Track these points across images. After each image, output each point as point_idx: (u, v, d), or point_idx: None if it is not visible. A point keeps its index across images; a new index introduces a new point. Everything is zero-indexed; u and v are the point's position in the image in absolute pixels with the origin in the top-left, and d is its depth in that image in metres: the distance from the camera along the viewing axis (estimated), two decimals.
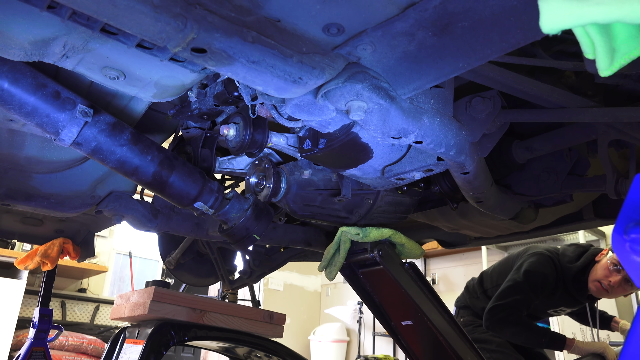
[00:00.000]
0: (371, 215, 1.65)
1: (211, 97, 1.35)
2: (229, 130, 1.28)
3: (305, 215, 1.58)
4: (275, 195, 1.47)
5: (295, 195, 1.49)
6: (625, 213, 0.71)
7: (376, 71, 0.95)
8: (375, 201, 1.62)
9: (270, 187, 1.46)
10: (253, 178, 1.52)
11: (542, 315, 3.05)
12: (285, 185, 1.47)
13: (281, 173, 1.48)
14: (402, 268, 1.67)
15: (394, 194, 1.65)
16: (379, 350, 5.69)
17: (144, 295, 1.94)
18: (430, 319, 1.67)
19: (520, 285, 2.72)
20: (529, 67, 1.35)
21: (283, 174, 1.48)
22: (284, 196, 1.48)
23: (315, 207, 1.56)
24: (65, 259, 2.50)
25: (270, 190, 1.46)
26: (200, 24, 0.76)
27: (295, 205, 1.51)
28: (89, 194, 1.71)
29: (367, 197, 1.60)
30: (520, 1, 0.72)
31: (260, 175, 1.50)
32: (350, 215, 1.64)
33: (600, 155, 1.31)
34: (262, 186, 1.49)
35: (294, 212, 1.54)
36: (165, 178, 1.20)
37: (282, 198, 1.48)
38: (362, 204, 1.62)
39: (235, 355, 2.50)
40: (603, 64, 0.58)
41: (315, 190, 1.53)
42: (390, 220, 1.73)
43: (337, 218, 1.64)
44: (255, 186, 1.52)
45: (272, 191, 1.46)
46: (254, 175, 1.52)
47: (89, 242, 2.47)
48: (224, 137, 1.29)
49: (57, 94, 1.06)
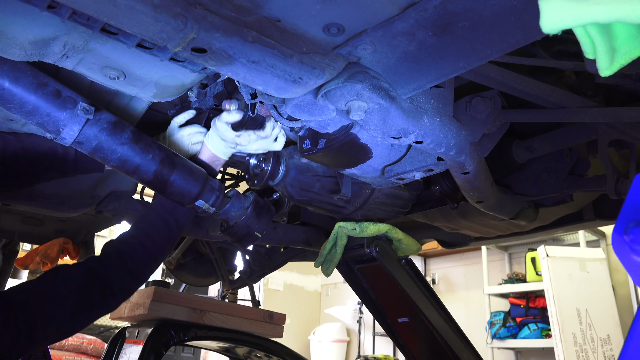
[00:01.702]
0: (368, 206, 1.64)
1: (211, 97, 1.35)
2: (231, 105, 1.28)
3: (302, 201, 1.56)
4: (272, 178, 1.46)
5: (293, 179, 1.48)
6: (625, 213, 0.71)
7: (376, 71, 0.95)
8: (373, 192, 1.61)
9: (269, 169, 1.45)
10: (253, 159, 1.51)
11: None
12: (283, 169, 1.46)
13: (280, 156, 1.47)
14: (398, 264, 1.67)
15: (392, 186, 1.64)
16: (379, 350, 5.68)
17: (144, 295, 1.94)
18: (426, 316, 1.67)
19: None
20: (529, 67, 1.35)
21: (282, 157, 1.47)
22: (282, 179, 1.47)
23: (313, 193, 1.55)
24: (65, 259, 2.50)
25: (267, 172, 1.45)
26: (201, 24, 0.76)
27: (293, 189, 1.50)
28: (89, 194, 1.71)
29: (365, 187, 1.60)
30: (521, 1, 0.72)
31: (260, 157, 1.50)
32: (348, 204, 1.63)
33: (600, 155, 1.31)
34: (260, 168, 1.49)
35: (291, 197, 1.53)
36: (166, 177, 1.20)
37: (280, 181, 1.47)
38: (360, 193, 1.61)
39: (235, 355, 2.50)
40: (603, 64, 0.58)
41: (314, 176, 1.52)
42: (388, 214, 1.72)
43: (334, 206, 1.63)
44: (254, 167, 1.51)
45: (270, 174, 1.45)
46: (253, 157, 1.51)
47: (89, 242, 2.48)
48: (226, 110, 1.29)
49: (58, 93, 1.06)
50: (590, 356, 3.59)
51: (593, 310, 3.75)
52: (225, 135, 1.29)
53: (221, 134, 1.29)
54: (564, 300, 3.70)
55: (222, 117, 1.28)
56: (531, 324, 4.12)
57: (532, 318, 4.18)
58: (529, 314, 4.21)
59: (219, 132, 1.30)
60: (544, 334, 4.00)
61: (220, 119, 1.28)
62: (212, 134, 1.32)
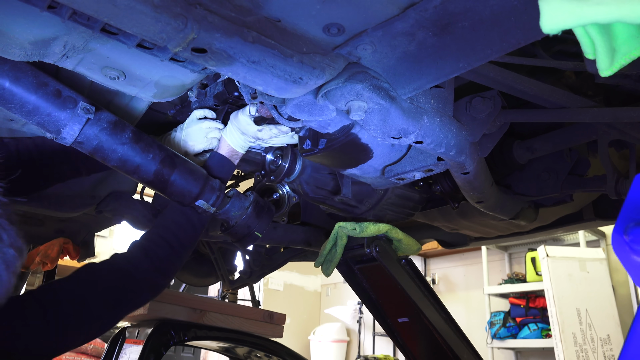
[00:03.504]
0: (380, 206, 1.65)
1: (211, 97, 1.35)
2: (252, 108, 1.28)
3: (317, 199, 1.57)
4: (289, 175, 1.47)
5: (309, 177, 1.50)
6: (625, 213, 0.71)
7: (376, 71, 0.95)
8: (386, 192, 1.62)
9: (286, 165, 1.46)
10: (269, 155, 1.51)
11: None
12: (300, 166, 1.47)
13: (297, 153, 1.47)
14: (398, 264, 1.67)
15: (404, 187, 1.64)
16: (379, 350, 5.68)
17: None
18: (426, 316, 1.67)
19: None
20: (529, 67, 1.35)
21: (299, 155, 1.47)
22: (298, 177, 1.48)
23: (327, 191, 1.56)
24: (65, 259, 2.50)
25: (285, 168, 1.46)
26: (201, 24, 0.77)
27: (308, 187, 1.51)
28: (89, 194, 1.72)
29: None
30: (521, 1, 0.72)
31: (277, 154, 1.50)
32: (360, 204, 1.63)
33: (600, 155, 1.31)
34: (277, 164, 1.49)
35: (306, 194, 1.54)
36: (166, 176, 1.20)
37: (296, 179, 1.48)
38: (373, 194, 1.61)
39: (235, 355, 2.50)
40: (603, 64, 0.58)
41: (329, 174, 1.53)
42: (398, 215, 1.73)
43: (347, 206, 1.64)
44: (270, 163, 1.51)
45: (287, 170, 1.46)
46: (270, 153, 1.51)
47: (89, 242, 2.47)
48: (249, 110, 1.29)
49: (58, 93, 1.06)
50: (590, 356, 3.59)
51: (593, 310, 3.75)
52: (247, 129, 1.29)
53: (243, 127, 1.29)
54: (564, 300, 3.70)
55: (245, 110, 1.27)
56: (531, 324, 4.12)
57: (532, 318, 4.18)
58: (529, 314, 4.21)
59: (240, 126, 1.29)
60: (544, 334, 4.00)
61: (244, 112, 1.28)
62: (232, 127, 1.32)
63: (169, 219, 1.26)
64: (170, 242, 1.21)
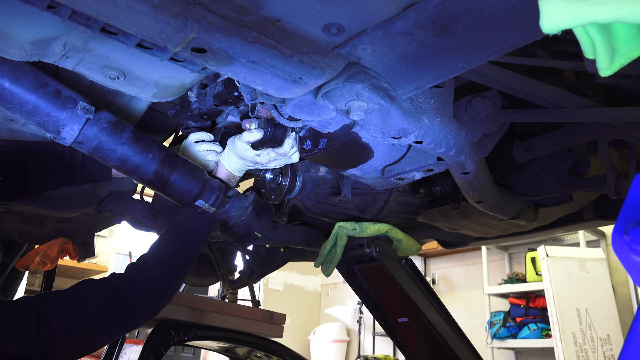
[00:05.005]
0: (383, 214, 1.65)
1: (211, 97, 1.35)
2: (251, 124, 1.28)
3: (319, 213, 1.58)
4: (290, 192, 1.48)
5: (310, 192, 1.50)
6: (625, 213, 0.71)
7: (376, 71, 0.95)
8: (388, 201, 1.62)
9: (287, 184, 1.46)
10: (268, 174, 1.52)
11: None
12: (300, 183, 1.47)
13: (297, 170, 1.48)
14: (398, 264, 1.67)
15: (405, 194, 1.65)
16: (379, 350, 5.68)
17: None
18: (426, 316, 1.66)
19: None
20: (529, 67, 1.35)
21: (299, 171, 1.48)
22: (299, 193, 1.48)
23: (329, 205, 1.56)
24: (65, 259, 2.50)
25: (286, 187, 1.46)
26: (200, 24, 0.76)
27: (310, 202, 1.52)
28: (89, 194, 1.72)
29: (380, 196, 1.61)
30: (521, 1, 0.72)
31: (276, 172, 1.50)
32: (362, 214, 1.64)
33: (600, 155, 1.31)
34: (277, 182, 1.49)
35: (307, 209, 1.54)
36: (166, 176, 1.20)
37: (297, 195, 1.49)
38: (375, 203, 1.62)
39: (235, 355, 2.50)
40: (603, 64, 0.58)
41: (330, 188, 1.54)
42: (399, 221, 1.73)
43: (349, 217, 1.65)
44: (270, 182, 1.52)
45: (288, 188, 1.47)
46: (269, 171, 1.52)
47: (89, 242, 2.47)
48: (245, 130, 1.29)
49: (58, 93, 1.06)
50: (590, 356, 3.59)
51: (593, 310, 3.75)
52: (245, 154, 1.29)
53: (240, 152, 1.30)
54: (564, 300, 3.70)
55: (242, 137, 1.27)
56: (531, 324, 4.12)
57: (532, 318, 4.18)
58: (529, 314, 4.21)
59: (237, 151, 1.30)
60: (544, 334, 4.00)
61: (241, 138, 1.28)
62: (230, 152, 1.33)
63: (165, 242, 1.25)
64: (165, 265, 1.20)
